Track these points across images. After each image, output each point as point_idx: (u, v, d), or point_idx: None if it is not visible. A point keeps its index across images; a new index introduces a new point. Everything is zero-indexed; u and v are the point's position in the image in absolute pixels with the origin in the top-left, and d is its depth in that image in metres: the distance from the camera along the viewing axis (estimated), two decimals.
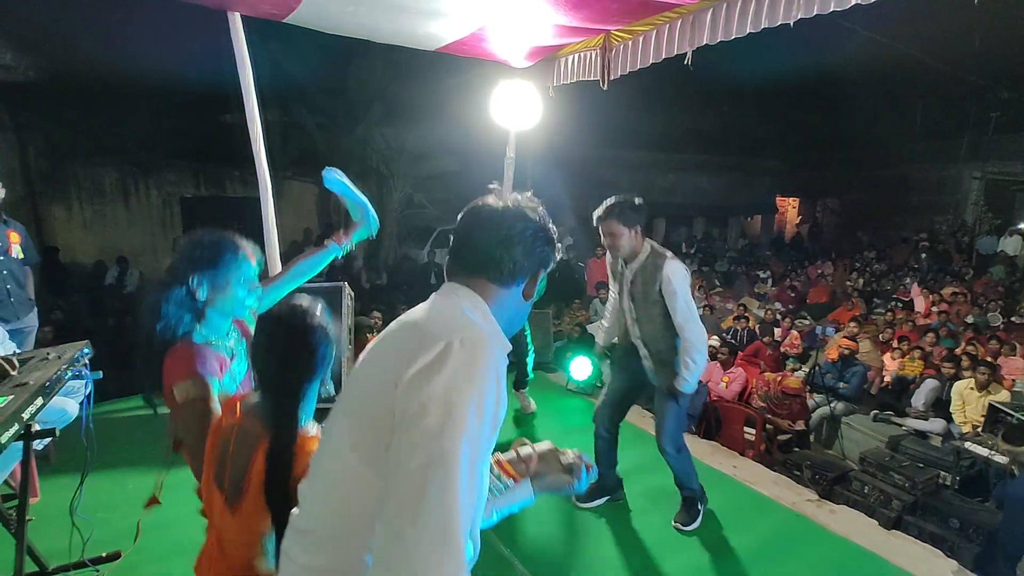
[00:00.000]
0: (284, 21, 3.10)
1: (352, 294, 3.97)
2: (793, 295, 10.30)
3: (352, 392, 0.95)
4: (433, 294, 0.99)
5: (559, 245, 1.05)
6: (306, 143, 10.94)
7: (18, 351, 2.60)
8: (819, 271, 12.05)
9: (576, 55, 3.70)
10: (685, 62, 2.95)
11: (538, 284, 1.02)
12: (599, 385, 5.28)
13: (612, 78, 3.49)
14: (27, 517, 1.94)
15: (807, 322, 8.34)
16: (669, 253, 2.55)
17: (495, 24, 3.19)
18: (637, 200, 2.49)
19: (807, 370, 6.48)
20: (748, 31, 2.55)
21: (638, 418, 4.42)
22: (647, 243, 2.57)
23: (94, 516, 2.31)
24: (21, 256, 3.16)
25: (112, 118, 9.52)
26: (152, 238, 11.16)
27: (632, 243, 2.50)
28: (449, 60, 4.12)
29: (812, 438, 5.88)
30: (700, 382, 5.69)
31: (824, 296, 10.30)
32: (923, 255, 12.59)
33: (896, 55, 10.60)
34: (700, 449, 3.82)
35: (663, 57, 3.08)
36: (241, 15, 2.86)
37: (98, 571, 2.25)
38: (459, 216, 1.02)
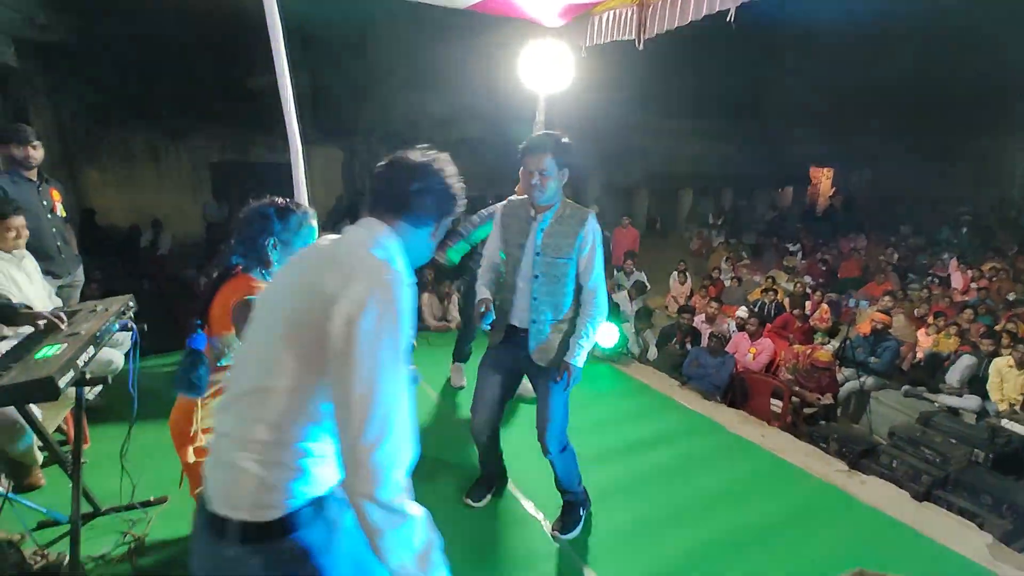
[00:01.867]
0: None
1: None
2: (824, 269, 10.05)
3: (282, 299, 1.10)
4: (352, 226, 1.17)
5: (462, 200, 1.24)
6: (331, 107, 10.89)
7: (63, 307, 2.70)
8: (852, 245, 11.69)
9: (611, 12, 3.55)
10: (728, 20, 2.81)
11: (440, 229, 1.24)
12: (625, 352, 5.29)
13: (647, 37, 3.35)
14: (81, 460, 2.04)
15: (838, 296, 8.15)
16: (591, 208, 2.29)
17: None
18: (566, 139, 2.17)
19: (838, 344, 6.37)
20: None
21: (659, 383, 4.41)
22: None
23: (141, 463, 2.42)
24: (64, 214, 3.24)
25: (143, 81, 9.57)
26: (182, 202, 11.33)
27: (557, 187, 2.17)
28: (477, 20, 3.99)
29: (839, 412, 5.81)
30: (726, 352, 5.68)
31: (856, 270, 10.03)
32: (963, 229, 12.12)
33: (947, 12, 9.95)
34: (727, 418, 3.81)
35: (703, 14, 2.93)
36: None
37: (147, 513, 2.37)
38: (384, 164, 1.21)
